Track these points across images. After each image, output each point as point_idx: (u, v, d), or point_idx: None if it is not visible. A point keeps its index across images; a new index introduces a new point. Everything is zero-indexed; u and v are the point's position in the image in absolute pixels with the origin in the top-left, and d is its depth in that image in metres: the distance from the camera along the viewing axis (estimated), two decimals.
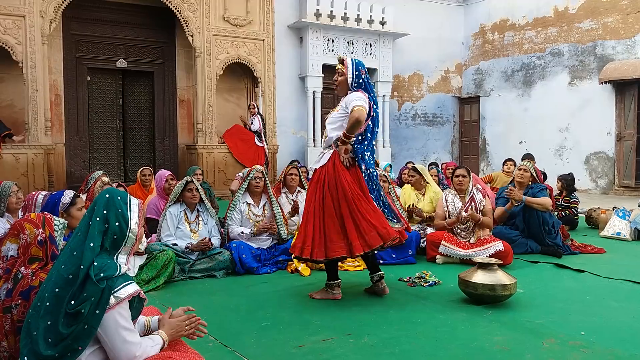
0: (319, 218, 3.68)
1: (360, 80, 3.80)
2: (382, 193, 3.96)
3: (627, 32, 11.30)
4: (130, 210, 1.96)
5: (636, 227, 6.25)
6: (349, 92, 3.81)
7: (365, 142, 3.83)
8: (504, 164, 8.09)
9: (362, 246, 3.59)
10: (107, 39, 10.61)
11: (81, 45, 10.42)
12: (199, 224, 4.70)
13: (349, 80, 3.79)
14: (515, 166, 7.75)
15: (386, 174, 5.34)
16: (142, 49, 11.02)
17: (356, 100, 3.65)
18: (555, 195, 7.05)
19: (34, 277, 2.07)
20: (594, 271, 4.61)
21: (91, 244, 1.85)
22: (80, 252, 1.84)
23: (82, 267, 1.81)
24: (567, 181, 7.19)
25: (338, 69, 3.86)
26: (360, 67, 3.82)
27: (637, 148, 11.20)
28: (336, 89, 3.96)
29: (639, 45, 11.08)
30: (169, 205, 4.68)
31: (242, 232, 4.81)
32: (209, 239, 4.60)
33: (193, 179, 4.81)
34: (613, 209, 6.83)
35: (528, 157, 8.04)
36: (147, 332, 2.11)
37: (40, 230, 2.14)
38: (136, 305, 1.96)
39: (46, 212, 2.31)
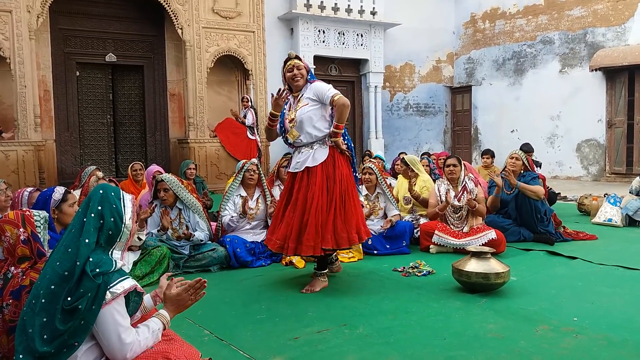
0: (301, 214, 3.73)
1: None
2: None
3: (617, 19, 11.33)
4: (124, 206, 1.95)
5: (627, 213, 6.31)
6: (307, 83, 3.88)
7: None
8: (482, 157, 7.97)
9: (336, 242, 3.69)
10: (96, 33, 10.49)
11: (69, 40, 10.30)
12: (180, 220, 4.63)
13: (309, 72, 3.92)
14: (492, 158, 7.74)
15: (374, 165, 5.34)
16: (131, 43, 10.92)
17: (329, 90, 3.76)
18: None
19: (24, 277, 2.06)
20: (586, 258, 4.65)
21: (87, 240, 1.84)
22: (76, 248, 1.83)
23: (78, 263, 1.80)
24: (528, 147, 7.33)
25: (296, 64, 3.84)
26: None
27: (627, 135, 11.28)
28: (297, 83, 3.86)
29: (629, 32, 11.13)
30: (150, 202, 4.65)
31: (232, 216, 4.79)
32: (186, 229, 4.56)
33: (164, 177, 4.60)
34: (604, 196, 6.88)
35: (527, 147, 7.80)
36: (143, 313, 2.11)
37: (22, 229, 2.12)
38: (134, 299, 1.95)
39: (25, 209, 2.28)
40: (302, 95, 3.86)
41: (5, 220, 2.14)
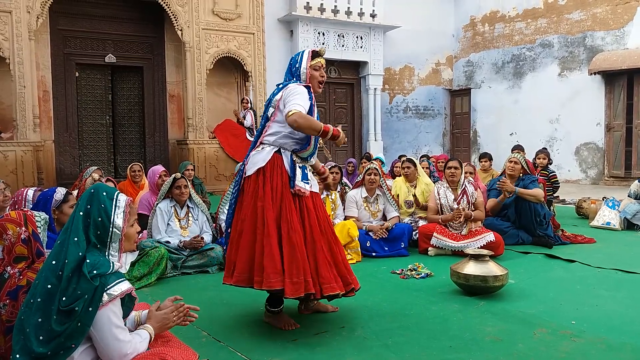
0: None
1: None
2: None
3: (616, 23, 11.36)
4: (115, 207, 1.94)
5: (626, 217, 6.31)
6: None
7: None
8: (479, 161, 7.94)
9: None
10: (95, 34, 10.50)
11: (69, 41, 10.31)
12: (188, 220, 4.66)
13: None
14: (490, 161, 7.75)
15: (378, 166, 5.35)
16: (130, 44, 10.92)
17: None
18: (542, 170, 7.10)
19: (21, 277, 2.05)
20: (584, 261, 4.65)
21: (75, 239, 1.84)
22: (67, 246, 1.83)
23: (67, 261, 1.79)
24: (548, 154, 7.28)
25: (324, 65, 3.26)
26: None
27: (626, 138, 11.30)
28: (321, 86, 3.27)
29: (628, 36, 11.15)
30: (158, 202, 4.65)
31: None
32: (202, 237, 4.57)
33: (183, 175, 4.78)
34: (603, 199, 6.89)
35: (518, 148, 8.00)
36: (137, 326, 2.11)
37: (23, 228, 2.12)
38: (127, 303, 1.95)
39: (27, 209, 2.28)
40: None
41: (7, 219, 2.13)
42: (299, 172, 3.02)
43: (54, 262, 1.82)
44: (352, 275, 3.10)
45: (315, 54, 3.22)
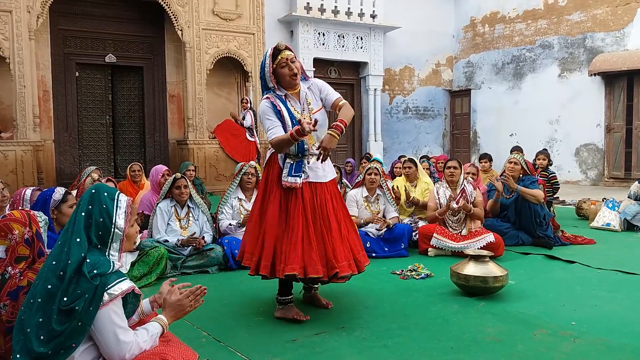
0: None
1: None
2: None
3: (616, 24, 11.37)
4: (116, 207, 1.93)
5: (625, 218, 6.31)
6: (301, 81, 3.33)
7: None
8: (479, 161, 7.90)
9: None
10: (96, 34, 10.50)
11: (69, 41, 10.30)
12: (189, 220, 4.67)
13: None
14: (490, 162, 7.76)
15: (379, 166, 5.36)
16: (131, 44, 10.92)
17: (334, 92, 3.36)
18: (542, 172, 7.11)
19: (21, 277, 2.05)
20: (584, 262, 4.65)
21: (77, 239, 1.84)
22: (69, 247, 1.82)
23: (69, 262, 1.79)
24: (548, 155, 7.31)
25: (290, 57, 3.18)
26: None
27: (626, 140, 11.30)
28: (295, 79, 3.21)
29: (628, 37, 11.16)
30: (159, 202, 4.66)
31: (230, 224, 4.80)
32: (203, 237, 4.57)
33: (183, 175, 4.78)
34: (603, 200, 6.89)
35: (517, 149, 8.01)
36: (141, 317, 2.11)
37: (27, 228, 2.11)
38: (131, 301, 1.95)
39: (29, 209, 2.28)
40: (305, 94, 3.28)
41: (12, 219, 2.12)
42: (287, 167, 3.18)
43: (54, 263, 1.82)
44: (340, 262, 3.08)
45: (276, 53, 3.20)
